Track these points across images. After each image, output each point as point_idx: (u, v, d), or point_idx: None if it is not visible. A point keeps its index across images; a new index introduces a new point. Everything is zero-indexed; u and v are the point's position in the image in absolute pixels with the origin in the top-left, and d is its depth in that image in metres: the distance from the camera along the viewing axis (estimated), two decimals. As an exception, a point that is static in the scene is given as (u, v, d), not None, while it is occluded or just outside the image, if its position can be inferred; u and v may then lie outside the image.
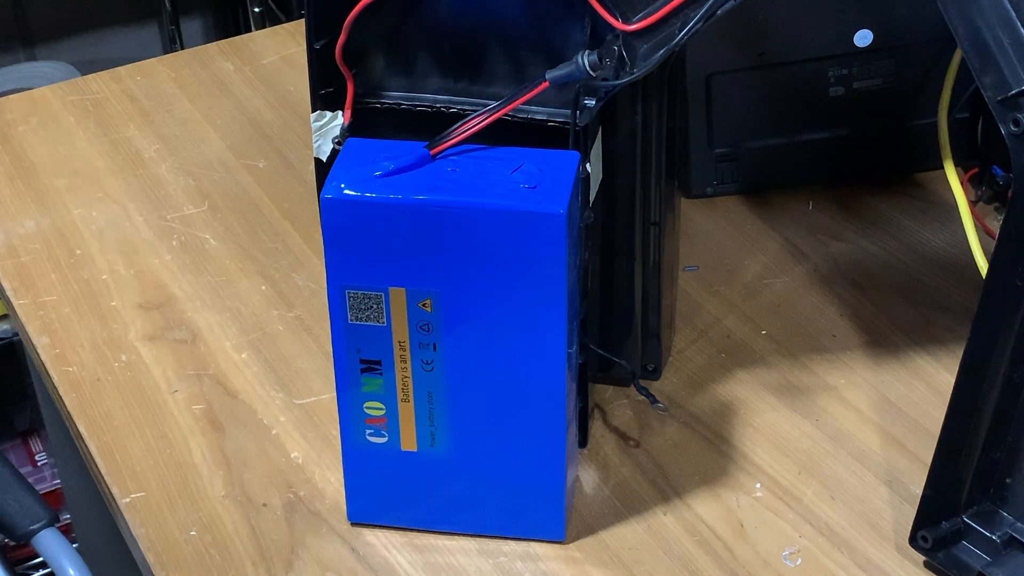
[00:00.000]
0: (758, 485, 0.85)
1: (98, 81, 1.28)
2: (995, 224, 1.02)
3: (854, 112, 1.08)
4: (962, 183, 0.95)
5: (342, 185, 0.73)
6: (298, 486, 0.86)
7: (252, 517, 0.84)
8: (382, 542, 0.82)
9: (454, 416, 0.78)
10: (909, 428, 0.88)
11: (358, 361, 0.77)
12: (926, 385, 0.92)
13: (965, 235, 0.91)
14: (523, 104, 0.75)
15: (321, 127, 0.82)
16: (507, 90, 0.77)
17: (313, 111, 0.82)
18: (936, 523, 0.77)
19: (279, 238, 1.07)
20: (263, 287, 1.02)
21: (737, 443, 0.88)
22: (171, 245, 1.07)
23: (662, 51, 0.74)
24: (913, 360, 0.94)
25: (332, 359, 0.78)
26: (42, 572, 1.73)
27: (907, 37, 1.05)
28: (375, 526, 0.83)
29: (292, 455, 0.88)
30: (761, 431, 0.89)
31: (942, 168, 0.96)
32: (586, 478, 0.86)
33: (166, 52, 1.86)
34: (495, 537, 0.82)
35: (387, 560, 0.81)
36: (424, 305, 0.75)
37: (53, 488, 1.80)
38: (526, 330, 0.75)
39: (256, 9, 1.95)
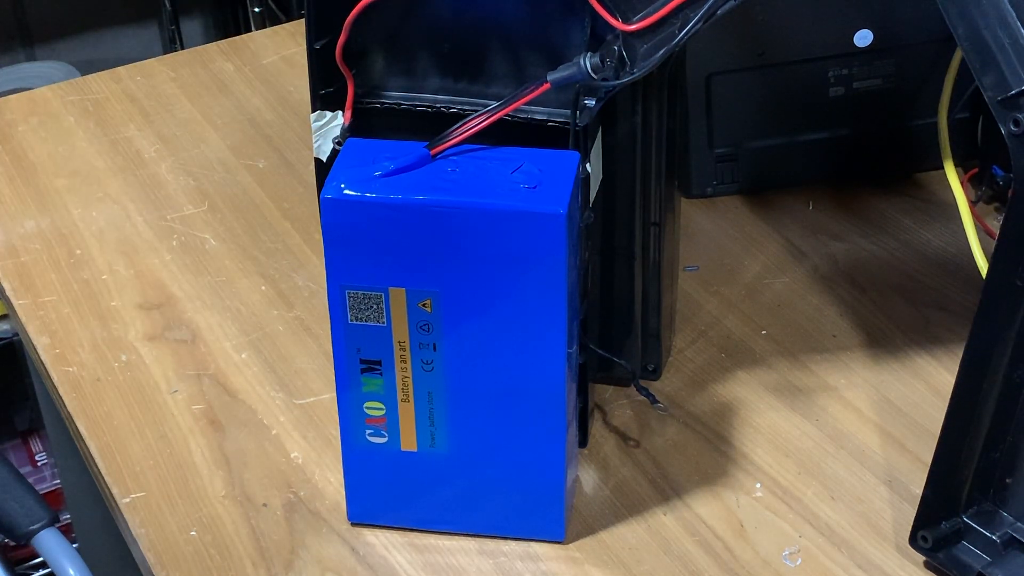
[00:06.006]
0: (758, 485, 0.85)
1: (98, 81, 1.28)
2: (995, 224, 1.02)
3: (854, 112, 1.07)
4: (962, 183, 0.95)
5: (342, 185, 0.73)
6: (298, 486, 0.86)
7: (252, 517, 0.84)
8: (382, 542, 0.82)
9: (454, 416, 0.78)
10: (909, 428, 0.88)
11: (358, 361, 0.77)
12: (926, 385, 0.92)
13: (965, 235, 0.91)
14: (523, 104, 0.75)
15: (321, 127, 0.82)
16: (507, 90, 0.77)
17: (313, 111, 0.82)
18: (936, 523, 0.77)
19: (279, 238, 1.07)
20: (263, 287, 1.02)
21: (737, 443, 0.88)
22: (171, 245, 1.07)
23: (662, 51, 0.74)
24: (913, 360, 0.94)
25: (332, 359, 0.78)
26: (42, 572, 1.73)
27: (907, 37, 1.05)
28: (375, 526, 0.83)
29: (292, 455, 0.88)
30: (761, 431, 0.89)
31: (942, 168, 0.96)
32: (586, 478, 0.86)
33: (166, 52, 1.86)
34: (495, 537, 0.82)
35: (387, 560, 0.81)
36: (424, 305, 0.75)
37: (53, 488, 1.80)
38: (526, 330, 0.75)
39: (256, 9, 1.95)
